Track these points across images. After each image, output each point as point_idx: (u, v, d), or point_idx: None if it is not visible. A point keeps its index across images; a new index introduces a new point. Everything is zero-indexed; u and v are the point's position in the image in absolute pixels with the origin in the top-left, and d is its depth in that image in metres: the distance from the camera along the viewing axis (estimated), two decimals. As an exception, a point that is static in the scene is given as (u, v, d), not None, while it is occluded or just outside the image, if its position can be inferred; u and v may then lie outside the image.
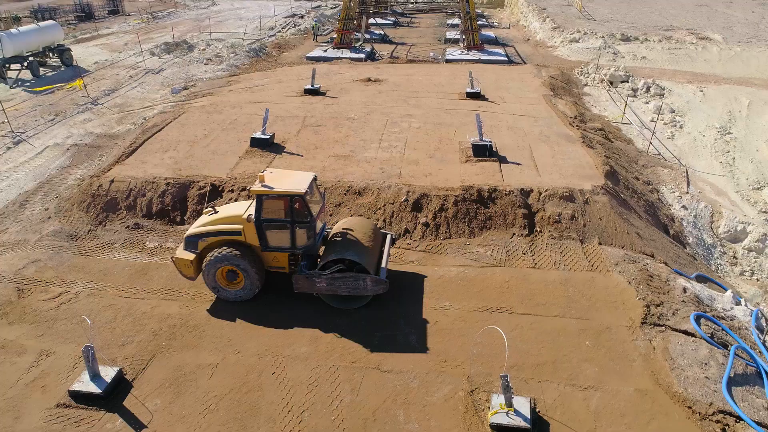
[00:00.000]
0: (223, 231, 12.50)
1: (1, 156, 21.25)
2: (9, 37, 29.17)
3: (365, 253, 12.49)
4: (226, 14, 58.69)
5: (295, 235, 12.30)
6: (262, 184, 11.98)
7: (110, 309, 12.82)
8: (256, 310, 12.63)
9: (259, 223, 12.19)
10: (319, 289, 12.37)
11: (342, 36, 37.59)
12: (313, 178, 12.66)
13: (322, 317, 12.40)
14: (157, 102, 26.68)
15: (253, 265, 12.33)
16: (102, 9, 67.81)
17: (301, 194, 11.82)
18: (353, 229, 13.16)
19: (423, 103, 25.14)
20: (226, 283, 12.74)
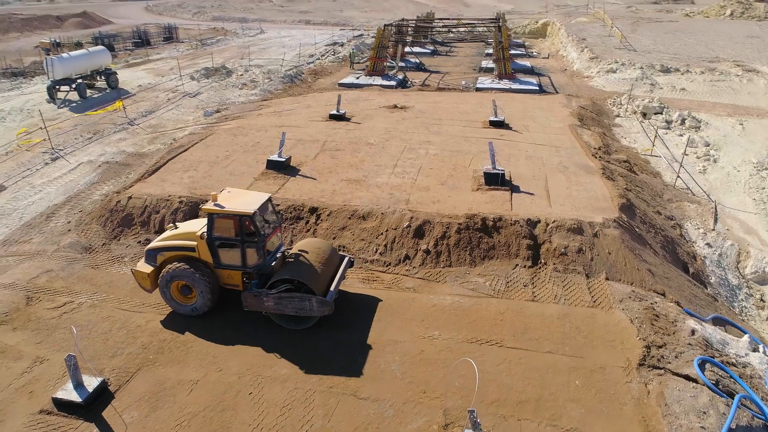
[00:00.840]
0: (179, 246, 12.92)
1: (38, 171, 22.54)
2: (60, 61, 31.29)
3: (314, 275, 12.55)
4: (271, 42, 60.92)
5: (246, 254, 12.51)
6: (214, 203, 12.34)
7: (108, 320, 13.20)
8: (245, 329, 12.72)
9: (211, 240, 12.51)
10: (267, 307, 12.42)
11: (375, 64, 38.27)
12: (266, 199, 12.88)
13: (308, 339, 12.37)
14: (189, 124, 27.79)
15: (205, 281, 12.63)
16: (158, 36, 71.80)
17: (249, 214, 12.04)
18: (309, 250, 13.28)
19: (444, 131, 25.14)
20: (180, 298, 13.07)
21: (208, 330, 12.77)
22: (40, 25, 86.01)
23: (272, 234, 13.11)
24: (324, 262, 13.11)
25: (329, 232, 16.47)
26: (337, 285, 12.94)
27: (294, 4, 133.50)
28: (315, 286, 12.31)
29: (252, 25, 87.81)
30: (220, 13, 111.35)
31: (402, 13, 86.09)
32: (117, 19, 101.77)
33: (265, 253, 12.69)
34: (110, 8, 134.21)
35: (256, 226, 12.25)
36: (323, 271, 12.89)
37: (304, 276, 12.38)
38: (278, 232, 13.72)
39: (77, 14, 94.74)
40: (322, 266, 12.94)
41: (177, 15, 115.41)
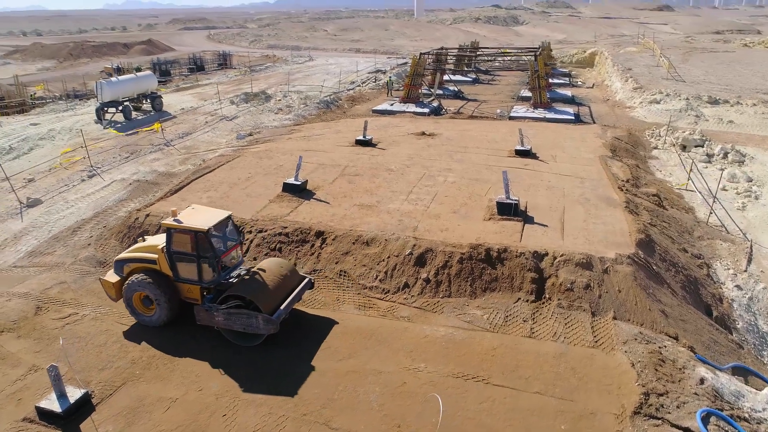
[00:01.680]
0: (143, 259, 13.45)
1: (74, 187, 23.77)
2: (108, 84, 33.28)
3: (263, 293, 12.67)
4: (317, 69, 62.65)
5: (202, 269, 12.84)
6: (173, 218, 12.73)
7: (105, 334, 13.56)
8: (234, 349, 12.77)
9: (170, 254, 12.95)
10: (217, 322, 12.67)
11: (409, 91, 38.55)
12: (225, 217, 13.21)
13: (292, 364, 12.26)
14: (221, 146, 28.74)
15: (164, 294, 13.02)
16: (212, 62, 75.24)
17: (203, 231, 12.39)
18: (267, 268, 13.43)
19: (467, 158, 24.86)
20: (142, 308, 13.54)
21: (197, 348, 12.88)
22: (108, 52, 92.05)
23: (229, 251, 13.41)
24: (279, 281, 13.24)
25: (333, 257, 16.43)
26: (289, 305, 13.02)
27: (347, 33, 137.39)
28: (262, 304, 12.39)
29: (303, 52, 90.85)
30: (276, 41, 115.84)
31: (452, 42, 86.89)
32: (179, 47, 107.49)
33: (219, 269, 13.00)
34: (175, 36, 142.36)
35: (210, 242, 12.57)
36: (275, 290, 13.00)
37: (252, 293, 12.52)
38: (237, 250, 13.95)
39: (142, 42, 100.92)
40: (275, 285, 13.07)
41: (235, 43, 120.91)
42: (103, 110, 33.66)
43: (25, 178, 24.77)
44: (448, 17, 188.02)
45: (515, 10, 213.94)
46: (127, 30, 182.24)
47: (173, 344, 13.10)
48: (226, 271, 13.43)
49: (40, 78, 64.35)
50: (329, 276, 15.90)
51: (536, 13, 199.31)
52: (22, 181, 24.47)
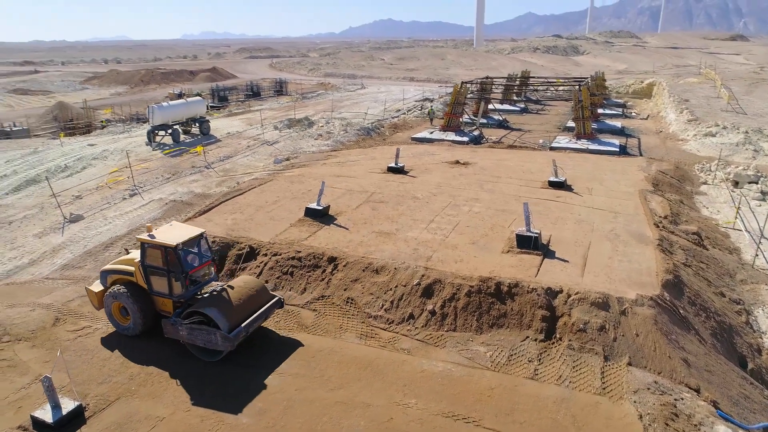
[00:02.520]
0: (123, 271, 14.15)
1: (115, 204, 24.98)
2: (159, 109, 35.15)
3: (226, 310, 12.95)
4: (366, 96, 63.71)
5: (171, 283, 13.30)
6: (148, 234, 13.30)
7: (111, 348, 13.92)
8: (229, 370, 12.79)
9: (144, 268, 13.55)
10: (181, 336, 13.06)
11: (449, 119, 38.40)
12: (196, 234, 13.69)
13: (283, 391, 12.11)
14: (258, 169, 29.50)
15: (138, 305, 13.65)
16: (269, 89, 78.11)
17: (172, 246, 12.86)
18: (236, 286, 13.83)
19: (498, 189, 24.31)
20: (119, 318, 14.22)
21: (194, 368, 12.98)
22: (175, 79, 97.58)
23: (199, 267, 13.79)
24: (244, 299, 13.53)
25: (342, 283, 16.31)
26: (252, 323, 13.22)
27: (403, 63, 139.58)
28: (221, 321, 12.67)
29: (358, 81, 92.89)
30: (333, 69, 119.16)
31: (507, 72, 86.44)
32: (242, 74, 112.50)
33: (187, 283, 13.42)
34: (240, 65, 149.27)
35: (178, 257, 13.00)
36: (238, 308, 13.25)
37: (214, 310, 12.84)
38: (209, 266, 14.29)
39: (207, 69, 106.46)
40: (239, 303, 13.35)
41: (294, 71, 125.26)
42: (154, 133, 35.52)
43: (73, 195, 26.30)
44: (507, 47, 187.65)
45: (576, 40, 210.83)
46: (197, 58, 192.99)
47: (172, 362, 13.26)
48: (197, 287, 13.83)
49: (110, 102, 68.93)
50: (336, 303, 15.76)
51: (598, 43, 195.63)
52: (71, 197, 25.98)
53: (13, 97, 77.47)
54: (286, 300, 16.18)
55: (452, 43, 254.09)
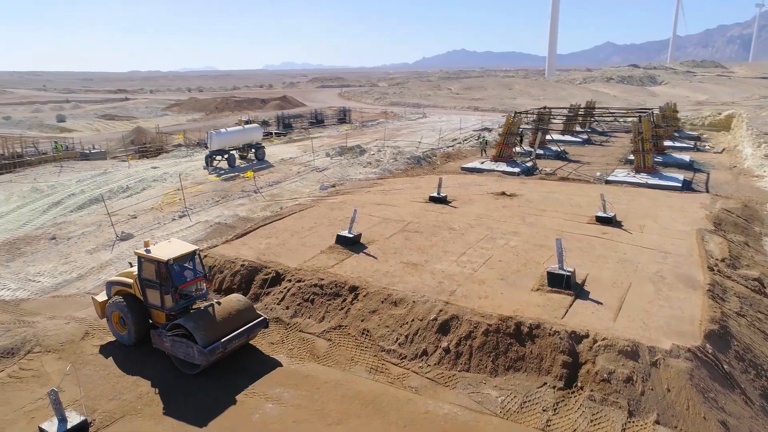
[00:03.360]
0: (124, 283, 15.00)
1: (164, 225, 26.15)
2: (217, 135, 36.82)
3: (205, 325, 13.45)
4: (426, 125, 63.86)
5: (163, 297, 13.93)
6: (145, 248, 14.04)
7: (128, 365, 14.31)
8: (238, 401, 12.76)
9: (140, 281, 14.32)
10: (166, 348, 13.69)
11: (501, 150, 37.56)
12: (189, 251, 14.33)
13: (282, 423, 11.89)
14: (303, 195, 30.03)
15: (133, 316, 14.44)
16: (332, 117, 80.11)
17: (163, 261, 13.49)
18: (223, 303, 14.47)
19: (540, 222, 23.30)
20: (118, 327, 15.04)
21: (199, 392, 13.05)
22: (248, 106, 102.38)
23: (189, 282, 14.30)
24: (226, 316, 14.02)
25: (360, 314, 16.00)
26: (231, 340, 13.63)
27: (469, 92, 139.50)
28: (199, 336, 13.15)
29: (422, 110, 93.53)
30: (399, 99, 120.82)
31: (576, 102, 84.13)
32: (310, 103, 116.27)
33: (176, 297, 13.96)
34: (311, 93, 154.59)
35: (169, 272, 13.59)
36: (219, 325, 13.71)
37: (193, 324, 13.33)
38: (200, 282, 14.78)
39: (278, 98, 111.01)
40: (221, 320, 13.85)
41: (362, 100, 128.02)
42: (212, 158, 37.19)
43: (129, 214, 27.81)
44: (579, 77, 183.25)
45: (654, 69, 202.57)
46: (272, 87, 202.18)
47: (181, 385, 13.42)
48: (187, 301, 14.34)
49: (185, 128, 73.16)
50: (352, 333, 15.46)
51: (678, 72, 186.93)
52: (127, 216, 27.49)
53: (101, 122, 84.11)
54: (304, 328, 16.10)
55: (523, 73, 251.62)
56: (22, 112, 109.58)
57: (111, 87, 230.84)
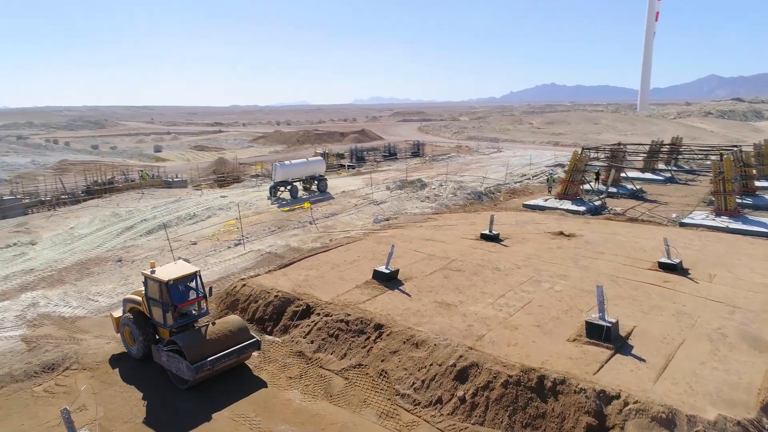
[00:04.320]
0: (136, 300, 16.13)
1: (219, 252, 27.18)
2: (281, 167, 38.17)
3: (196, 343, 14.30)
4: (497, 160, 62.63)
5: (164, 315, 14.86)
6: (150, 269, 15.10)
7: (150, 389, 14.72)
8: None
9: (146, 299, 15.39)
10: (163, 362, 14.73)
11: (566, 187, 35.82)
12: (190, 272, 15.20)
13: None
14: (356, 228, 30.16)
15: (140, 331, 15.53)
16: (405, 151, 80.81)
17: (164, 281, 14.46)
18: (218, 323, 15.36)
19: (594, 266, 21.72)
20: (129, 341, 16.22)
21: (210, 426, 13.11)
22: (327, 139, 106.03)
23: (190, 301, 15.28)
24: (219, 336, 14.78)
25: (381, 353, 15.52)
26: (220, 359, 14.35)
27: (551, 127, 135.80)
28: (189, 352, 13.95)
29: (498, 144, 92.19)
30: (477, 133, 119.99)
31: (668, 137, 79.21)
32: (388, 136, 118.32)
33: (175, 315, 14.82)
34: (391, 127, 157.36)
35: (169, 292, 14.54)
36: (210, 344, 14.49)
37: (183, 341, 14.21)
38: (200, 302, 15.64)
39: (356, 131, 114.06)
40: (212, 339, 14.62)
41: (439, 134, 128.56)
42: (276, 188, 38.56)
43: (190, 240, 29.25)
44: (673, 111, 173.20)
45: (762, 104, 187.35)
46: (355, 121, 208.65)
47: (193, 414, 13.56)
48: (187, 319, 15.25)
49: (266, 159, 76.86)
50: (370, 374, 14.99)
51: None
52: (188, 243, 28.92)
53: (192, 153, 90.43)
54: (324, 364, 15.87)
55: (613, 107, 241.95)
56: (128, 143, 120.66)
57: (210, 120, 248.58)
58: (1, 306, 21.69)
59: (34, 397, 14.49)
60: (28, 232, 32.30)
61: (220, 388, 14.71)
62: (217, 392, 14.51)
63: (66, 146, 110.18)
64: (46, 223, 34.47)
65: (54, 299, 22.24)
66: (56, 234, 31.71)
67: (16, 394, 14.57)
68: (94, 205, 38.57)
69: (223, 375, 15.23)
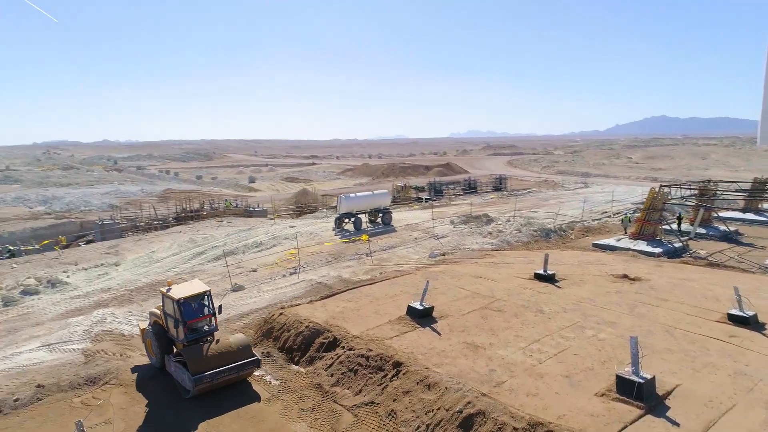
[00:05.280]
0: (157, 314, 17.60)
1: (274, 280, 28.15)
2: (346, 199, 39.01)
3: (199, 358, 15.60)
4: (580, 196, 59.70)
5: (177, 329, 16.20)
6: (167, 287, 16.53)
7: (172, 410, 15.38)
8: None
9: (164, 314, 16.86)
10: (172, 372, 16.33)
11: (642, 227, 33.17)
12: (201, 291, 16.54)
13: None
14: (410, 262, 29.95)
15: (158, 343, 17.07)
16: (487, 185, 79.57)
17: (176, 299, 15.87)
18: (221, 341, 16.61)
19: (651, 314, 19.85)
20: (151, 352, 17.77)
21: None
22: (411, 172, 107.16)
23: (200, 318, 16.58)
24: (221, 352, 16.02)
25: (394, 393, 15.12)
26: (220, 373, 15.68)
27: (652, 161, 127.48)
28: (191, 365, 15.36)
29: (589, 179, 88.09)
30: (568, 167, 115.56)
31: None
32: (475, 170, 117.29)
33: (185, 330, 16.13)
34: (479, 161, 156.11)
35: (180, 309, 15.95)
36: (212, 358, 15.77)
37: (187, 354, 15.64)
38: (210, 319, 16.91)
39: (441, 165, 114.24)
40: (214, 354, 15.90)
41: (528, 168, 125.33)
42: (341, 220, 39.42)
43: (251, 268, 30.59)
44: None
45: None
46: (445, 154, 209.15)
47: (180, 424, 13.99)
48: (197, 334, 16.51)
49: (349, 191, 79.09)
50: (380, 413, 14.65)
51: None
52: (248, 270, 30.25)
53: (282, 184, 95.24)
54: (338, 399, 15.76)
55: (729, 141, 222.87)
56: (228, 174, 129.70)
57: (310, 152, 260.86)
58: (75, 321, 23.88)
59: (71, 407, 15.68)
60: (116, 254, 35.49)
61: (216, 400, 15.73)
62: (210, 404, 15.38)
63: (175, 176, 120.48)
64: (133, 246, 37.70)
65: (119, 317, 24.13)
66: (138, 257, 34.55)
67: (58, 403, 15.87)
68: (177, 231, 41.67)
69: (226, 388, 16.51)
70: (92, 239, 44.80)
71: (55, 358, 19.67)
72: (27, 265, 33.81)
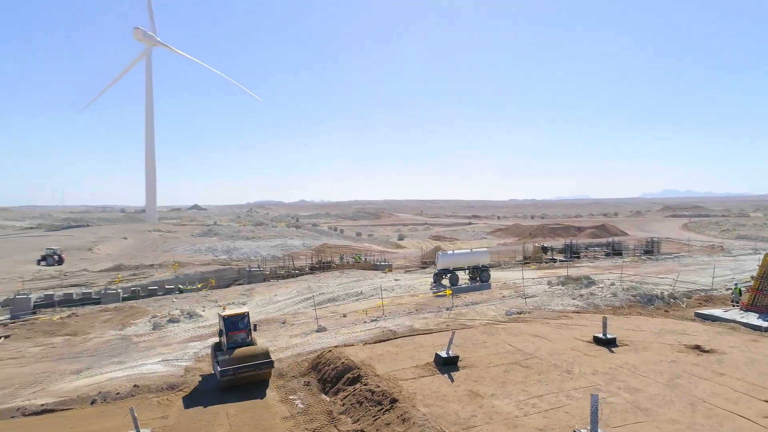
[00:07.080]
0: None
1: (354, 325, 31.26)
2: (443, 256, 40.85)
3: (227, 356, 21.21)
4: (738, 263, 52.86)
5: (221, 339, 22.30)
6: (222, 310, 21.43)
7: (200, 425, 19.14)
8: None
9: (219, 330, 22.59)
10: (213, 368, 22.78)
11: (755, 297, 29.18)
12: (243, 312, 22.40)
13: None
14: (484, 318, 30.77)
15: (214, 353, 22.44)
16: (636, 249, 74.19)
17: (221, 316, 22.19)
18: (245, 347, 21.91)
19: (688, 387, 18.47)
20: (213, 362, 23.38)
21: None
22: (561, 233, 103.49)
23: (235, 332, 22.18)
24: (244, 354, 21.34)
25: (381, 423, 16.88)
26: (239, 369, 20.86)
27: None
28: (220, 362, 20.98)
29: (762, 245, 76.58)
30: (751, 231, 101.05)
31: None
32: (638, 232, 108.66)
33: (226, 341, 21.97)
34: (650, 223, 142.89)
35: (224, 323, 21.97)
36: (236, 357, 21.18)
37: (221, 355, 21.38)
38: (245, 333, 22.42)
39: (596, 226, 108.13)
40: (239, 355, 21.25)
41: (705, 232, 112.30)
42: (440, 275, 41.31)
43: (342, 313, 34.21)
44: None
45: None
46: (616, 215, 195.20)
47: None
48: (235, 343, 22.10)
49: (492, 250, 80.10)
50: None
51: None
52: (339, 315, 33.92)
53: (427, 241, 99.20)
54: (339, 425, 17.99)
55: None
56: (386, 231, 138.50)
57: (480, 213, 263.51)
58: (193, 345, 29.71)
59: (148, 404, 20.39)
60: (248, 295, 42.15)
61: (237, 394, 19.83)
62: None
63: (341, 233, 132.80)
64: (265, 289, 44.23)
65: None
66: (263, 298, 40.65)
67: (136, 400, 20.69)
68: (303, 279, 47.58)
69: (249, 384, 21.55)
70: (242, 282, 53.13)
71: (165, 371, 25.12)
72: (183, 300, 42.02)
